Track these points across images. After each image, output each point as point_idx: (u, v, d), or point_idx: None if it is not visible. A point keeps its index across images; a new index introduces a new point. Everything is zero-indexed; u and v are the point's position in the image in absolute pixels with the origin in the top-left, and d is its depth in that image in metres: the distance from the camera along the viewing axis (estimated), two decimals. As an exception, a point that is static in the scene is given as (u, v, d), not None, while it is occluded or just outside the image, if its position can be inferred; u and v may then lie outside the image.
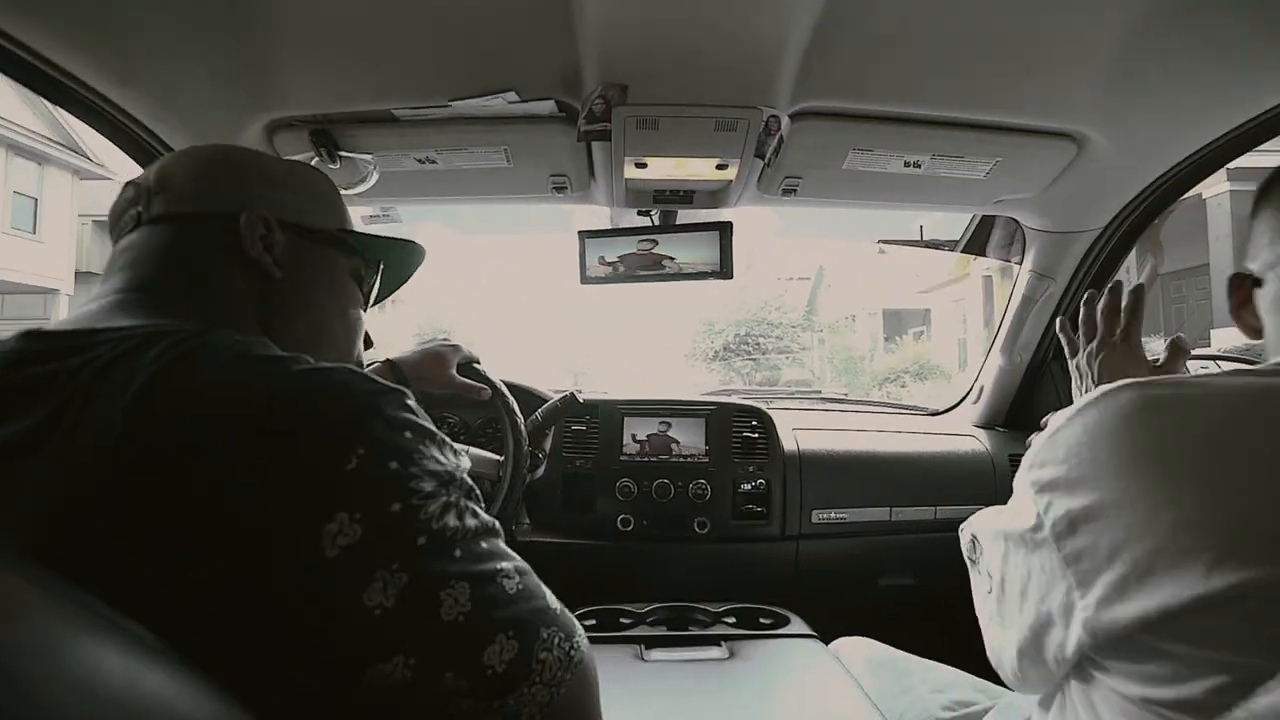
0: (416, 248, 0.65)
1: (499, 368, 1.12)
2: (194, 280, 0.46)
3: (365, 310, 0.59)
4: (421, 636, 0.32)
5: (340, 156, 0.96)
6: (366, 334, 0.60)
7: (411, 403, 0.38)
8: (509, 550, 0.39)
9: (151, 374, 0.33)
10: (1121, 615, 0.40)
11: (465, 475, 0.39)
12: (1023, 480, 0.48)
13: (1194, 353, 1.08)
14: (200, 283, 0.46)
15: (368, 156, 0.97)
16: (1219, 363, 1.25)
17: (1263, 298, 0.51)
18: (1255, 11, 0.69)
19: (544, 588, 0.39)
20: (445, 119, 0.92)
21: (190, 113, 0.86)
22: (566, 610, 0.39)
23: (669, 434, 1.36)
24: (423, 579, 0.33)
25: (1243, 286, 0.53)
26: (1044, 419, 0.55)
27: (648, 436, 1.36)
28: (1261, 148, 0.90)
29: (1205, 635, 0.37)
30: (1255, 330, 0.53)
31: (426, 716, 0.33)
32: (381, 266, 0.59)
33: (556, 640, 0.36)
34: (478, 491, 0.39)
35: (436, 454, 0.37)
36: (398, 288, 0.70)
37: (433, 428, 0.38)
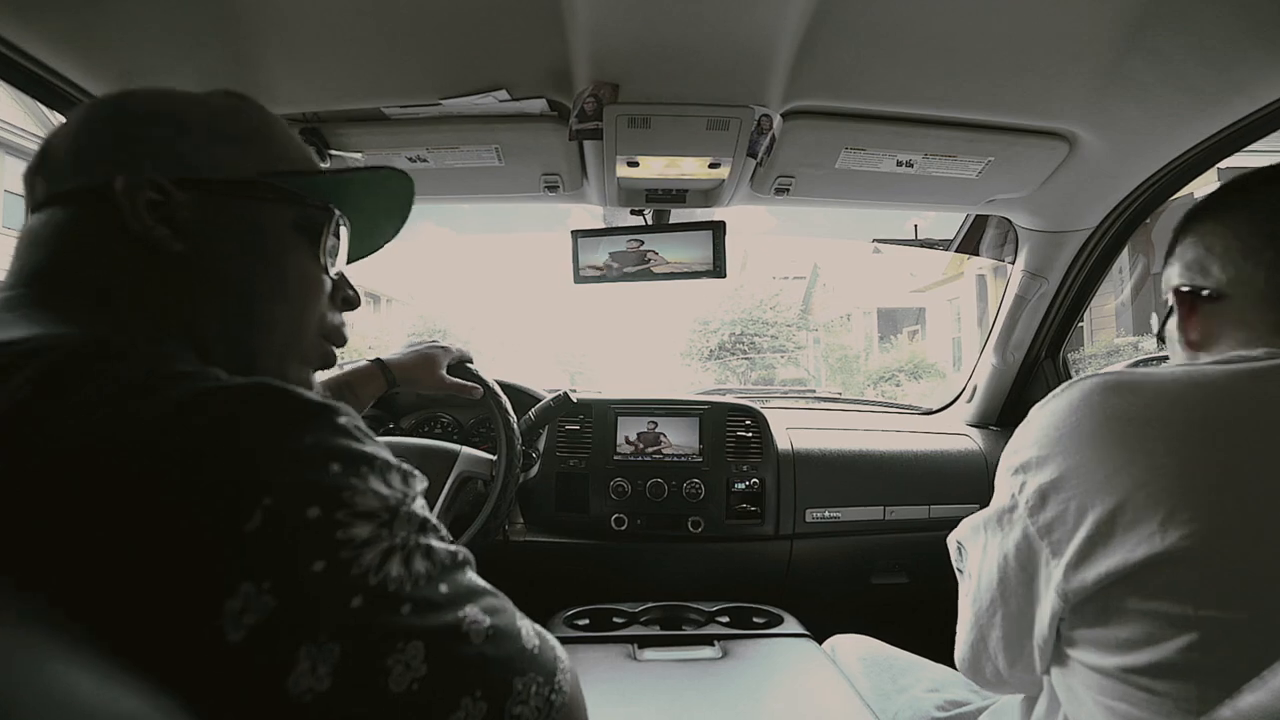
0: (388, 175, 0.49)
1: (494, 367, 1.12)
2: (83, 272, 0.38)
3: (331, 273, 0.46)
4: (365, 717, 0.27)
5: (330, 155, 0.95)
6: (350, 293, 0.49)
7: (344, 421, 0.31)
8: (478, 584, 0.33)
9: (14, 404, 0.27)
10: (1090, 574, 0.43)
11: (417, 504, 0.32)
12: (1002, 469, 0.52)
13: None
14: (91, 275, 0.38)
15: (358, 155, 0.97)
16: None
17: (1224, 310, 0.52)
18: (1245, 12, 0.69)
19: (520, 623, 0.33)
20: (436, 117, 0.91)
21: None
22: (548, 639, 0.35)
23: (663, 433, 1.36)
24: (361, 648, 0.27)
25: (1185, 301, 0.55)
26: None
27: (641, 436, 1.35)
28: (1251, 148, 0.90)
29: (1165, 589, 0.41)
30: (1194, 344, 0.55)
31: None
32: (339, 211, 0.46)
33: (533, 689, 0.31)
34: (433, 521, 0.33)
35: (376, 485, 0.30)
36: (388, 233, 0.56)
37: (373, 451, 0.31)
